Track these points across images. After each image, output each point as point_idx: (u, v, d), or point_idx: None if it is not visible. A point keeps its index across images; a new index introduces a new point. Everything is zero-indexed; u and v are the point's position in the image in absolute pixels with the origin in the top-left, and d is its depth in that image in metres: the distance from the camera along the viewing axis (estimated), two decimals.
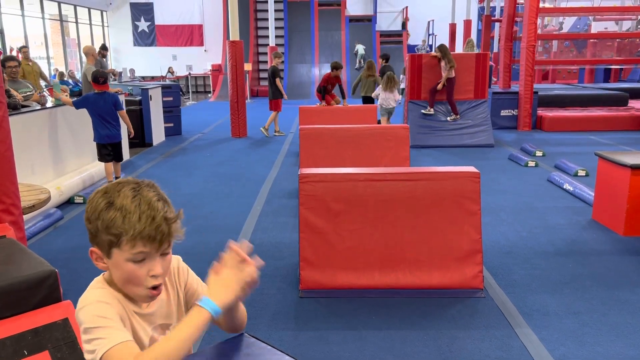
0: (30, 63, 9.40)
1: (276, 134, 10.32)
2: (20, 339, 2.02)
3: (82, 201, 5.76)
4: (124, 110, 6.13)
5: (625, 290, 3.54)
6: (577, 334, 3.01)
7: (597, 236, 4.58)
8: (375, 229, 3.53)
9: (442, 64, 8.89)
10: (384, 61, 10.56)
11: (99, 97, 5.71)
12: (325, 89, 9.50)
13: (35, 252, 2.54)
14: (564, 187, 6.06)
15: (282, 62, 10.12)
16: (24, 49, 10.20)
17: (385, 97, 9.03)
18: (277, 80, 10.01)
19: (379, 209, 3.52)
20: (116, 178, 6.02)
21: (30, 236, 4.59)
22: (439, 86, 8.95)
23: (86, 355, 1.15)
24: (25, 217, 3.28)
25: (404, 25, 19.98)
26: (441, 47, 9.05)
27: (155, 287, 1.22)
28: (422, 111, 9.14)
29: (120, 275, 1.20)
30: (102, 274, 1.28)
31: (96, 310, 1.16)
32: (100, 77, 5.71)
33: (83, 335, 1.15)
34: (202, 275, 1.48)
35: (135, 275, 1.19)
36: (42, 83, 9.69)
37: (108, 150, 5.89)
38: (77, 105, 5.79)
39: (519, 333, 3.01)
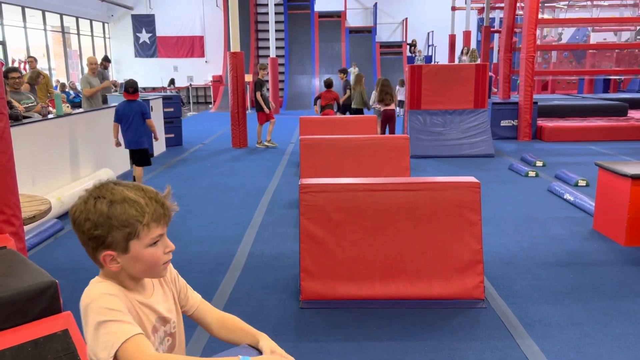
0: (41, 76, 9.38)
1: (267, 143, 10.22)
2: (20, 350, 2.01)
3: None
4: (151, 119, 6.45)
5: (627, 300, 3.53)
6: (579, 344, 2.99)
7: (598, 246, 4.57)
8: (375, 239, 3.53)
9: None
10: (343, 75, 10.77)
11: (127, 106, 6.14)
12: (319, 102, 9.95)
13: (36, 263, 2.54)
14: (565, 197, 6.06)
15: (267, 73, 10.13)
16: (29, 59, 10.16)
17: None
18: (258, 94, 9.90)
19: (380, 219, 3.52)
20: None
21: (31, 247, 4.59)
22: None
23: (98, 351, 1.12)
24: (25, 227, 3.28)
25: (412, 46, 20.09)
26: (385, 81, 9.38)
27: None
28: None
29: (140, 266, 1.23)
30: (93, 280, 1.29)
31: (105, 303, 1.16)
32: (129, 87, 6.17)
33: (92, 330, 1.13)
34: (204, 285, 1.48)
35: (155, 258, 1.24)
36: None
37: (135, 156, 6.35)
38: (115, 119, 6.22)
39: (521, 344, 3.00)
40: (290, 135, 11.53)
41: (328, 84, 10.13)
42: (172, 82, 20.04)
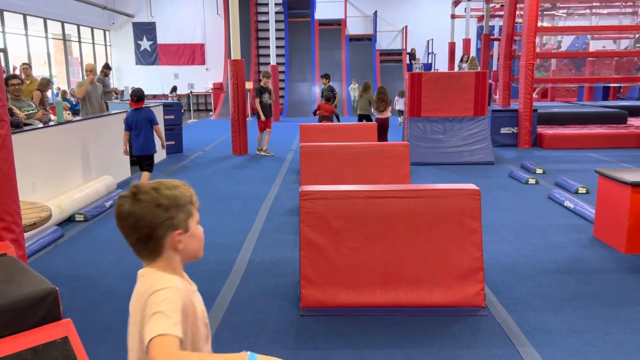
0: (29, 82, 9.37)
1: (262, 152, 10.18)
2: (20, 357, 2.00)
3: (82, 219, 5.76)
4: (159, 125, 6.57)
5: (628, 308, 3.52)
6: (580, 352, 2.98)
7: (598, 254, 4.56)
8: (376, 247, 3.53)
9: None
10: (326, 80, 10.86)
11: (135, 114, 6.33)
12: (317, 113, 10.16)
13: (36, 270, 2.53)
14: (565, 204, 6.06)
15: (269, 81, 10.15)
16: (24, 66, 10.15)
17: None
18: (257, 100, 9.90)
19: (380, 226, 3.52)
20: None
21: (31, 254, 4.58)
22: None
23: (146, 324, 1.21)
24: (26, 234, 3.28)
25: (412, 57, 20.16)
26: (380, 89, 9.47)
27: None
28: None
29: (197, 243, 1.41)
30: (149, 270, 1.36)
31: (174, 294, 1.26)
32: (134, 96, 6.36)
33: (157, 306, 1.22)
34: (204, 292, 1.49)
35: (202, 235, 1.44)
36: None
37: (142, 161, 6.51)
38: (125, 128, 6.37)
39: (522, 352, 2.99)
40: (290, 142, 11.55)
41: (327, 98, 10.44)
42: (174, 89, 20.10)
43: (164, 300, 1.23)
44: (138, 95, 6.37)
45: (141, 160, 6.52)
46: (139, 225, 1.30)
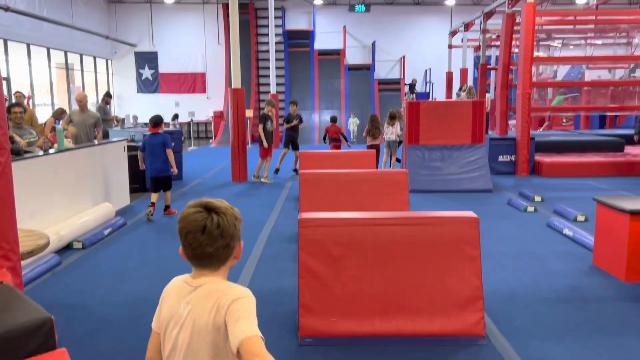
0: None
1: (263, 180, 10.19)
2: None
3: (80, 247, 5.74)
4: (171, 149, 7.06)
5: (629, 337, 3.49)
6: None
7: (598, 282, 4.54)
8: (375, 275, 3.51)
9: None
10: (294, 107, 11.04)
11: (151, 138, 6.96)
12: (327, 138, 11.02)
13: (32, 298, 2.52)
14: (564, 232, 6.05)
15: (272, 108, 10.42)
16: (17, 94, 10.03)
17: (386, 132, 10.06)
18: (260, 127, 10.03)
19: (379, 253, 3.51)
20: (166, 206, 7.35)
21: (28, 282, 4.55)
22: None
23: (252, 328, 1.44)
24: (23, 262, 3.26)
25: (412, 88, 20.43)
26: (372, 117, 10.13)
27: None
28: None
29: (239, 253, 1.60)
30: (212, 279, 1.55)
31: (253, 303, 1.51)
32: (151, 121, 7.04)
33: (243, 311, 1.46)
34: None
35: None
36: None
37: (155, 183, 7.05)
38: (140, 149, 7.11)
39: None
40: (289, 169, 11.58)
41: (333, 119, 11.33)
42: (175, 117, 20.25)
43: (248, 308, 1.47)
44: (155, 121, 6.97)
45: (158, 181, 7.06)
46: (224, 235, 1.51)
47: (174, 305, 1.55)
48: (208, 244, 1.50)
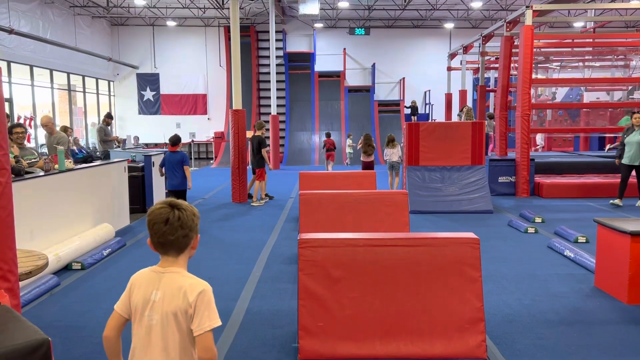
0: None
1: (264, 200, 10.24)
2: None
3: (79, 267, 5.71)
4: (188, 166, 7.58)
5: None
6: None
7: (601, 304, 4.50)
8: (375, 296, 3.48)
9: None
10: (259, 132, 10.41)
11: (171, 155, 7.57)
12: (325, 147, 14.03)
13: (30, 319, 2.50)
14: (565, 253, 6.02)
15: (267, 130, 10.46)
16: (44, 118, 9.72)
17: (387, 153, 10.61)
18: (264, 150, 10.07)
19: (379, 275, 3.49)
20: None
21: (26, 303, 4.52)
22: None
23: (200, 317, 1.79)
24: (21, 283, 3.24)
25: (414, 111, 20.61)
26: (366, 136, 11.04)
27: None
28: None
29: (197, 245, 1.94)
30: (176, 269, 1.89)
31: (212, 297, 1.85)
32: (170, 141, 7.66)
33: (207, 305, 1.81)
34: None
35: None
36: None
37: (172, 196, 7.17)
38: (160, 164, 7.78)
39: None
40: (289, 190, 11.59)
41: (328, 135, 14.81)
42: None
43: (210, 300, 1.82)
44: (173, 141, 7.65)
45: (175, 194, 7.64)
46: (183, 226, 1.85)
47: (145, 292, 1.86)
48: (170, 233, 1.83)
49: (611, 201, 9.40)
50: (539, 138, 18.20)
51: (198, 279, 1.87)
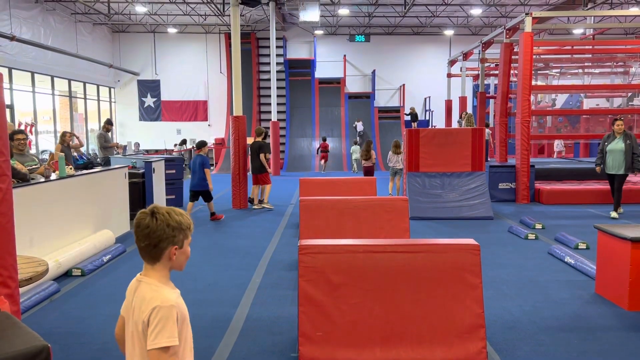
0: None
1: (265, 205, 10.25)
2: None
3: (79, 274, 5.70)
4: (209, 169, 8.62)
5: None
6: None
7: (601, 311, 4.49)
8: (375, 303, 3.48)
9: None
10: (259, 138, 10.32)
11: (196, 158, 8.63)
12: (319, 150, 17.14)
13: (30, 326, 2.50)
14: (565, 260, 6.02)
15: (268, 136, 10.64)
16: (67, 134, 9.63)
17: (392, 160, 11.01)
18: (262, 155, 10.07)
19: (379, 281, 3.49)
20: (211, 214, 9.04)
21: (26, 309, 4.51)
22: None
23: (150, 333, 1.71)
24: (21, 289, 3.24)
25: (414, 117, 20.67)
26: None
27: None
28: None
29: (184, 258, 1.87)
30: (149, 280, 1.82)
31: (170, 311, 1.74)
32: (196, 144, 8.87)
33: (159, 322, 1.71)
34: (200, 350, 1.46)
35: (189, 253, 1.90)
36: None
37: (192, 194, 8.81)
38: (188, 166, 8.67)
39: None
40: (290, 196, 11.60)
41: (324, 138, 18.15)
42: (183, 142, 20.20)
43: (162, 317, 1.71)
44: (198, 145, 8.78)
45: (193, 193, 8.72)
46: (151, 235, 1.78)
47: (129, 299, 1.87)
48: (139, 240, 1.81)
49: (611, 217, 8.76)
50: (560, 144, 18.11)
51: (162, 293, 1.78)
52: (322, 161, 18.51)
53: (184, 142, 20.23)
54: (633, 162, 8.42)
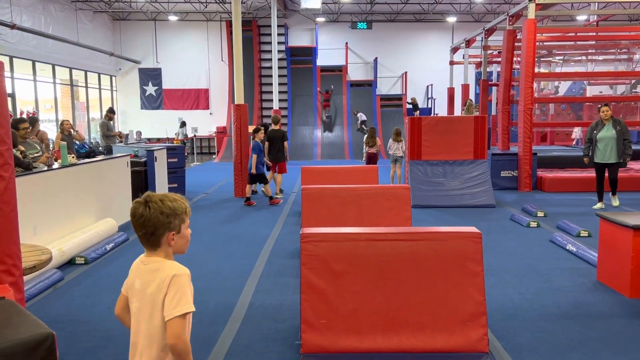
0: None
1: (278, 195, 10.27)
2: None
3: (83, 262, 5.74)
4: (255, 155, 9.15)
5: (635, 354, 3.45)
6: None
7: (603, 298, 4.51)
8: (377, 290, 3.50)
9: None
10: (277, 126, 10.34)
11: (253, 144, 9.29)
12: None
13: (34, 313, 2.51)
14: (567, 247, 6.02)
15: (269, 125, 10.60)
16: (65, 123, 9.58)
17: (392, 147, 10.75)
18: (286, 143, 10.08)
19: (381, 269, 3.50)
20: (269, 198, 9.42)
21: (30, 297, 4.54)
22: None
23: (170, 301, 1.77)
24: (25, 277, 3.26)
25: (416, 107, 20.58)
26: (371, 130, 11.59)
27: None
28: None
29: (184, 242, 1.92)
30: (155, 258, 1.88)
31: (189, 281, 1.83)
32: (252, 131, 9.46)
33: (178, 289, 1.78)
34: (203, 337, 1.47)
35: (189, 236, 1.94)
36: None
37: (248, 177, 9.48)
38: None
39: None
40: (292, 184, 11.61)
41: (327, 90, 18.72)
42: (183, 124, 20.02)
43: (182, 285, 1.79)
44: (254, 130, 9.33)
45: (249, 177, 9.36)
46: (146, 224, 1.83)
47: (132, 279, 1.91)
48: (136, 229, 1.86)
49: (595, 209, 8.42)
50: (578, 131, 17.69)
51: (175, 264, 1.86)
52: (324, 109, 20.71)
53: (183, 124, 20.04)
54: (625, 148, 8.30)
